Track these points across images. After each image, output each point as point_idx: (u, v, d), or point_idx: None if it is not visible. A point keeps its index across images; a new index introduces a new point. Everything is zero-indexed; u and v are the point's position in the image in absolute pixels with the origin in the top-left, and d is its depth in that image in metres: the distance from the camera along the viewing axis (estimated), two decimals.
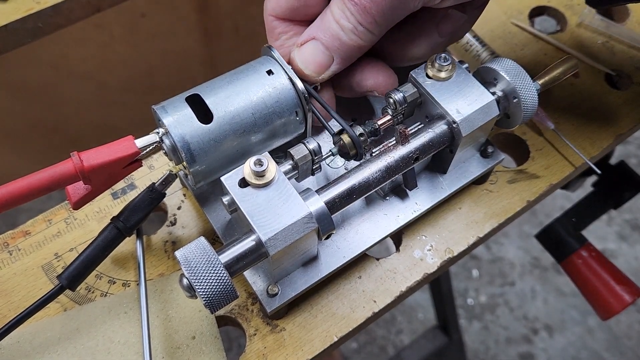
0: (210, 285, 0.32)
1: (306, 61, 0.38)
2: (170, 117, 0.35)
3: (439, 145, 0.40)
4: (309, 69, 0.38)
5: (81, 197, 0.37)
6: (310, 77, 0.39)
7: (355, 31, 0.36)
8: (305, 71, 0.38)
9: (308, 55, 0.38)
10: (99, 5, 0.61)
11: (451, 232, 0.45)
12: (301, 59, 0.38)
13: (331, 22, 0.37)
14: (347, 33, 0.37)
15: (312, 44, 0.38)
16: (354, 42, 0.37)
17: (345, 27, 0.36)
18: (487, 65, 0.41)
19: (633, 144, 1.76)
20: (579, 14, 0.58)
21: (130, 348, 0.39)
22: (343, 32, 0.37)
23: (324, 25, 0.37)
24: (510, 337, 1.47)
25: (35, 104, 0.93)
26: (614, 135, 0.51)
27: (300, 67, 0.38)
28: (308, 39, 0.38)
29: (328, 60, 0.38)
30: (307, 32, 0.38)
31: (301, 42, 0.38)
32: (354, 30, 0.36)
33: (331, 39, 0.37)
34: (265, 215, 0.34)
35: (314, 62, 0.38)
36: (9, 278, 0.42)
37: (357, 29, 0.36)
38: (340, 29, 0.37)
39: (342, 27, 0.36)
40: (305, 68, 0.38)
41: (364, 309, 0.41)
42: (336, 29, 0.37)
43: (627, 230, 1.61)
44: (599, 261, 0.62)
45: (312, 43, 0.38)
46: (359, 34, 0.36)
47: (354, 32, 0.36)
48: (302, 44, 0.38)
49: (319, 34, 0.37)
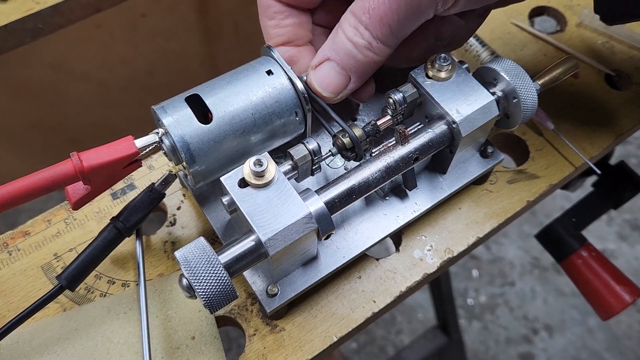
0: (209, 286, 0.32)
1: (323, 83, 0.38)
2: (169, 117, 0.35)
3: (438, 145, 0.40)
4: (327, 91, 0.38)
5: (81, 197, 0.37)
6: (329, 98, 0.38)
7: (370, 47, 0.36)
8: (324, 93, 0.38)
9: (324, 77, 0.37)
10: (99, 5, 0.61)
11: (451, 232, 0.45)
12: (318, 82, 0.38)
13: (344, 41, 0.36)
14: (361, 50, 0.36)
15: (327, 66, 0.37)
16: (369, 59, 0.37)
17: (359, 45, 0.36)
18: (487, 66, 0.41)
19: (633, 144, 1.76)
20: (579, 14, 0.58)
21: (130, 348, 0.39)
22: (357, 50, 0.36)
23: (336, 44, 0.37)
24: (510, 337, 1.47)
25: (35, 104, 0.93)
26: (614, 135, 0.51)
27: (318, 90, 0.38)
28: (322, 59, 0.38)
29: (345, 80, 0.38)
30: (320, 53, 0.38)
31: (316, 63, 0.38)
32: (368, 46, 0.36)
33: (346, 58, 0.37)
34: (265, 216, 0.34)
35: (330, 84, 0.38)
36: (8, 278, 0.42)
37: (372, 44, 0.36)
38: (353, 47, 0.36)
39: (356, 45, 0.36)
40: (324, 90, 0.38)
41: (363, 309, 0.41)
42: (350, 48, 0.36)
43: (627, 230, 1.61)
44: (599, 261, 0.62)
45: (327, 64, 0.37)
46: (373, 49, 0.36)
47: (368, 49, 0.36)
48: (316, 66, 0.38)
49: (333, 54, 0.37)
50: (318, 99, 0.39)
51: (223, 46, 1.02)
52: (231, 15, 0.97)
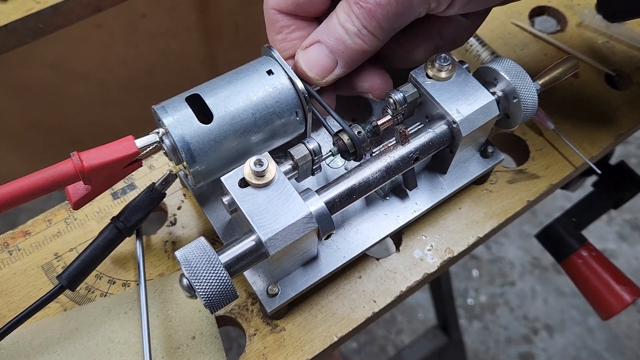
0: (210, 285, 0.32)
1: (310, 64, 0.38)
2: (170, 117, 0.35)
3: (439, 145, 0.40)
4: (312, 71, 0.38)
5: (81, 197, 0.37)
6: (314, 79, 0.39)
7: (359, 35, 0.36)
8: (309, 74, 0.38)
9: (312, 58, 0.38)
10: (99, 5, 0.61)
11: (451, 232, 0.45)
12: (305, 62, 0.38)
13: (336, 26, 0.37)
14: (351, 37, 0.37)
15: (316, 47, 0.38)
16: (358, 47, 0.37)
17: (350, 31, 0.36)
18: (487, 66, 0.41)
19: (633, 144, 1.76)
20: (579, 14, 0.58)
21: (130, 348, 0.39)
22: (347, 35, 0.37)
23: (329, 28, 0.37)
24: (510, 337, 1.47)
25: (35, 104, 0.93)
26: (614, 135, 0.51)
27: (304, 70, 0.38)
28: (313, 41, 0.38)
29: (332, 63, 0.38)
30: (312, 36, 0.38)
31: (306, 45, 0.38)
32: (358, 34, 0.36)
33: (336, 43, 0.37)
34: (265, 216, 0.34)
35: (318, 65, 0.38)
36: (8, 278, 0.42)
37: (362, 32, 0.36)
38: (344, 33, 0.37)
39: (347, 31, 0.36)
40: (309, 71, 0.38)
41: (364, 309, 0.41)
42: (341, 33, 0.37)
43: (627, 230, 1.61)
44: (599, 261, 0.62)
45: (316, 46, 0.38)
46: (363, 37, 0.36)
47: (358, 36, 0.36)
48: (306, 47, 0.38)
49: (324, 37, 0.37)
50: (319, 98, 0.39)
51: (223, 46, 1.02)
52: (231, 15, 0.97)
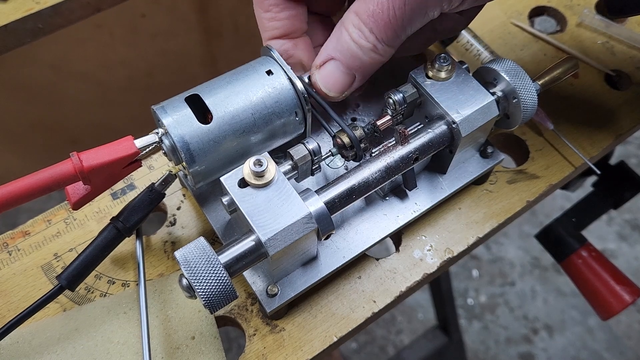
0: (209, 286, 0.32)
1: (329, 84, 0.38)
2: (169, 117, 0.35)
3: (438, 145, 0.40)
4: (332, 91, 0.38)
5: (81, 197, 0.37)
6: (334, 98, 0.38)
7: (375, 50, 0.36)
8: (329, 93, 0.38)
9: (329, 77, 0.38)
10: (99, 5, 0.61)
11: (451, 232, 0.45)
12: (324, 83, 0.38)
13: (349, 43, 0.36)
14: (366, 53, 0.36)
15: (332, 65, 0.37)
16: (374, 60, 0.37)
17: (364, 47, 0.36)
18: (487, 66, 0.41)
19: (633, 144, 1.76)
20: (579, 14, 0.58)
21: (130, 348, 0.39)
22: (362, 52, 0.36)
23: (342, 45, 0.37)
24: (510, 337, 1.47)
25: (35, 104, 0.93)
26: (614, 135, 0.51)
27: (323, 90, 0.38)
28: (326, 59, 0.37)
29: (350, 79, 0.38)
30: (324, 52, 0.38)
31: (319, 63, 0.38)
32: (373, 49, 0.36)
33: (351, 60, 0.37)
34: (265, 216, 0.34)
35: (336, 84, 0.38)
36: (8, 278, 0.42)
37: (377, 47, 0.36)
38: (359, 49, 0.36)
39: (361, 47, 0.36)
40: (329, 90, 0.38)
41: (363, 309, 0.41)
42: (355, 50, 0.36)
43: (627, 230, 1.61)
44: (599, 261, 0.62)
45: (331, 64, 0.37)
46: (379, 51, 0.36)
47: (374, 51, 0.36)
48: (320, 65, 0.38)
49: (337, 54, 0.37)
50: (318, 98, 0.39)
51: (223, 46, 1.02)
52: (231, 15, 0.97)
